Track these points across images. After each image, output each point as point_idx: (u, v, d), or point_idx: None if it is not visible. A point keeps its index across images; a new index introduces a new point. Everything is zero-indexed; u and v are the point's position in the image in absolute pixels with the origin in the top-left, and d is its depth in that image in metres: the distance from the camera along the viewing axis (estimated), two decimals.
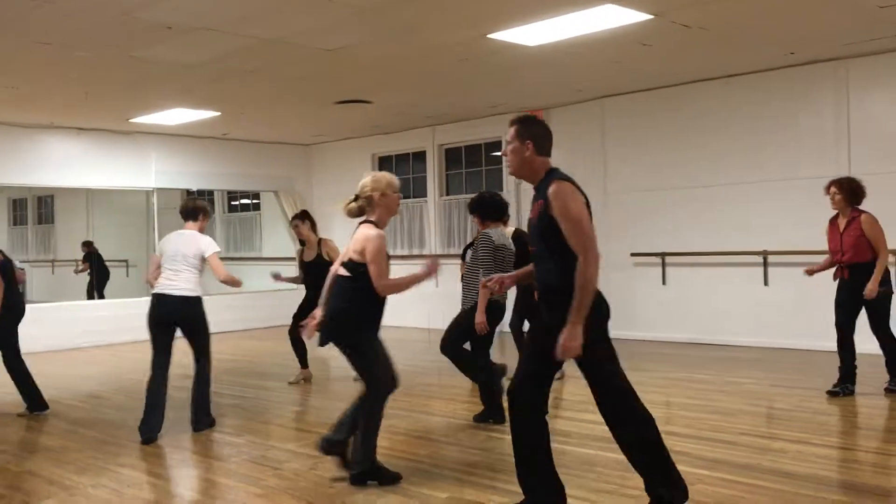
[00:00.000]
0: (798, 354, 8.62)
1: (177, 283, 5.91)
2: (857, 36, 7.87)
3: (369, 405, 4.53)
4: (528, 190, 12.20)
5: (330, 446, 4.65)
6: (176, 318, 6.00)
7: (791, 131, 9.14)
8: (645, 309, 10.28)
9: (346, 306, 4.50)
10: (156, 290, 5.98)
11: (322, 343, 4.61)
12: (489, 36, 7.31)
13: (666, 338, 10.01)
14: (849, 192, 6.57)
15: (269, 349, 10.77)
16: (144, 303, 12.55)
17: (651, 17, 6.87)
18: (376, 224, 4.56)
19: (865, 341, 8.63)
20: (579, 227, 3.56)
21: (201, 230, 6.16)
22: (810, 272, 6.86)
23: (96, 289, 13.96)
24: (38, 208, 16.54)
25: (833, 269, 6.81)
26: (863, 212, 6.56)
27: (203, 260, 5.97)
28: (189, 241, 5.99)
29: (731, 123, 9.58)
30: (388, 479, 4.51)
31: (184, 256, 5.92)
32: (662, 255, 10.16)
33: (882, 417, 5.81)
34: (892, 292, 6.54)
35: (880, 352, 8.43)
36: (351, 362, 4.59)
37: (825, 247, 8.73)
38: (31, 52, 7.48)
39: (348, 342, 4.53)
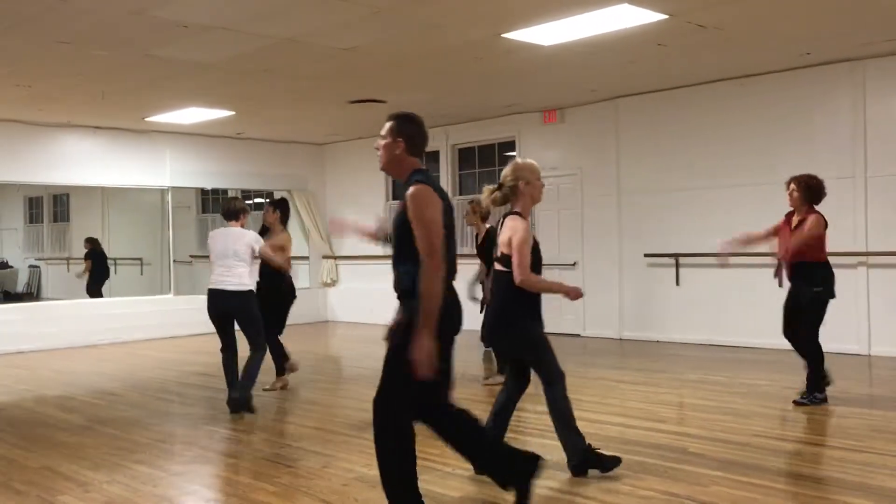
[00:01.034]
0: None
1: (230, 278, 6.48)
2: (873, 36, 7.82)
3: (553, 397, 4.52)
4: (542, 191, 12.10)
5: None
6: (231, 310, 6.56)
7: (807, 132, 9.09)
8: (659, 310, 10.26)
9: (509, 300, 4.51)
10: (210, 287, 6.52)
11: (489, 343, 4.62)
12: (503, 35, 7.31)
13: (680, 339, 9.98)
14: (805, 189, 6.35)
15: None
16: (160, 301, 12.69)
17: (666, 17, 6.85)
18: (521, 215, 4.54)
19: (882, 344, 8.61)
20: (426, 232, 3.50)
21: (243, 227, 6.74)
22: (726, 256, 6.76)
23: (94, 287, 13.82)
24: (53, 206, 16.65)
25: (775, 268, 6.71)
26: (816, 212, 6.38)
27: (253, 253, 6.55)
28: (238, 238, 6.57)
29: (745, 124, 9.54)
30: (609, 464, 4.48)
31: (235, 252, 6.48)
32: (676, 255, 10.12)
33: None
34: (832, 296, 6.35)
35: (886, 353, 8.42)
36: (524, 357, 4.59)
37: (842, 248, 8.73)
38: (48, 52, 7.54)
39: (518, 337, 4.53)
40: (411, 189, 3.59)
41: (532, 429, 5.86)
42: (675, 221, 10.13)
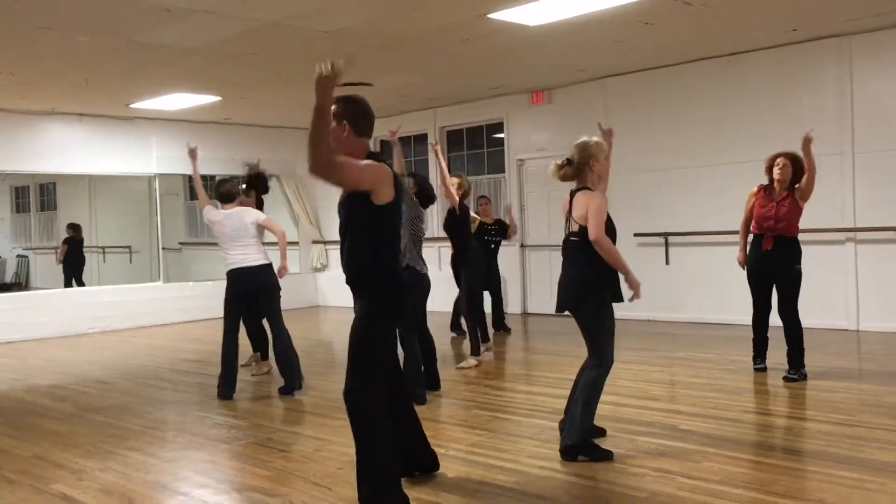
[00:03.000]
0: None
1: (250, 254, 6.62)
2: (860, 11, 7.80)
3: (592, 377, 4.49)
4: (531, 171, 12.13)
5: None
6: (256, 286, 6.67)
7: (794, 109, 9.09)
8: (648, 289, 10.11)
9: (584, 270, 4.49)
10: (233, 267, 6.64)
11: (559, 309, 4.62)
12: (489, 16, 7.26)
13: (670, 318, 10.02)
14: (798, 166, 6.49)
15: None
16: (149, 288, 12.62)
17: None
18: (591, 189, 4.62)
19: (870, 319, 8.67)
20: (347, 168, 3.51)
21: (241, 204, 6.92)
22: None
23: (73, 276, 13.64)
24: (40, 195, 16.54)
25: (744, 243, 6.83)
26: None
27: (259, 228, 6.71)
28: (244, 216, 6.69)
29: (733, 102, 9.53)
30: (599, 455, 4.45)
31: (247, 231, 6.64)
32: (665, 235, 10.14)
33: (887, 395, 5.82)
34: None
35: (886, 329, 8.48)
36: (584, 329, 4.55)
37: (830, 224, 8.77)
38: (31, 38, 7.45)
39: (586, 308, 4.50)
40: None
41: (521, 409, 5.88)
42: (665, 201, 10.14)
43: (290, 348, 6.72)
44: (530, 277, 11.71)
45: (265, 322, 7.41)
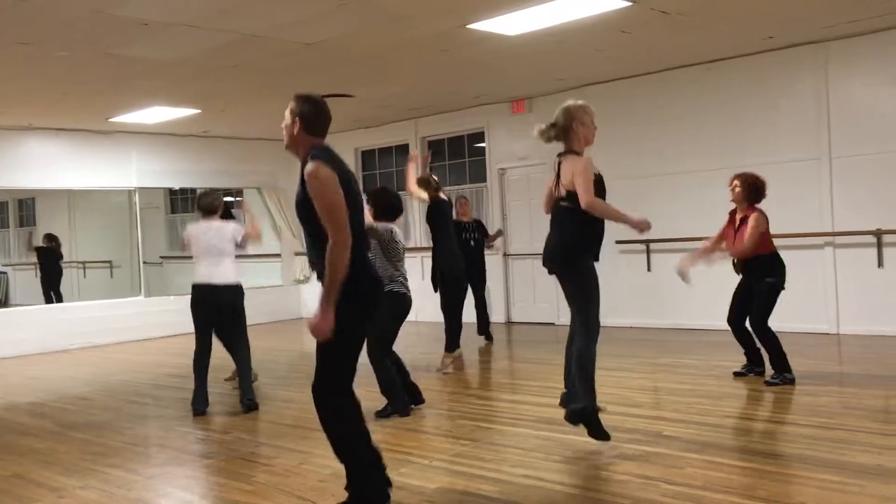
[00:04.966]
0: (782, 338, 8.66)
1: (220, 271, 6.55)
2: (835, 18, 7.90)
3: (583, 346, 4.51)
4: (512, 180, 12.13)
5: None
6: (219, 305, 6.62)
7: (772, 115, 9.18)
8: (630, 296, 10.31)
9: (573, 235, 4.55)
10: (197, 281, 6.58)
11: (545, 263, 4.65)
12: (469, 26, 7.29)
13: (652, 324, 10.05)
14: (749, 187, 6.52)
15: (261, 346, 10.71)
16: (130, 303, 12.51)
17: (630, 3, 6.87)
18: (578, 153, 4.68)
19: (850, 323, 8.74)
20: (329, 207, 3.50)
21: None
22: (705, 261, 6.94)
23: (51, 289, 13.54)
24: (18, 211, 16.39)
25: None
26: (757, 210, 6.49)
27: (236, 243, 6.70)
28: (222, 230, 6.65)
29: (712, 109, 9.61)
30: (598, 432, 4.49)
31: (221, 246, 6.59)
32: (647, 241, 10.18)
33: (868, 397, 5.86)
34: (783, 287, 6.48)
35: (866, 332, 8.56)
36: (572, 296, 4.58)
37: (808, 229, 8.86)
38: (8, 53, 7.40)
39: (575, 274, 4.53)
40: (307, 167, 3.59)
41: (505, 417, 5.88)
42: (646, 208, 10.04)
43: (249, 372, 6.64)
44: (514, 286, 11.73)
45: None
